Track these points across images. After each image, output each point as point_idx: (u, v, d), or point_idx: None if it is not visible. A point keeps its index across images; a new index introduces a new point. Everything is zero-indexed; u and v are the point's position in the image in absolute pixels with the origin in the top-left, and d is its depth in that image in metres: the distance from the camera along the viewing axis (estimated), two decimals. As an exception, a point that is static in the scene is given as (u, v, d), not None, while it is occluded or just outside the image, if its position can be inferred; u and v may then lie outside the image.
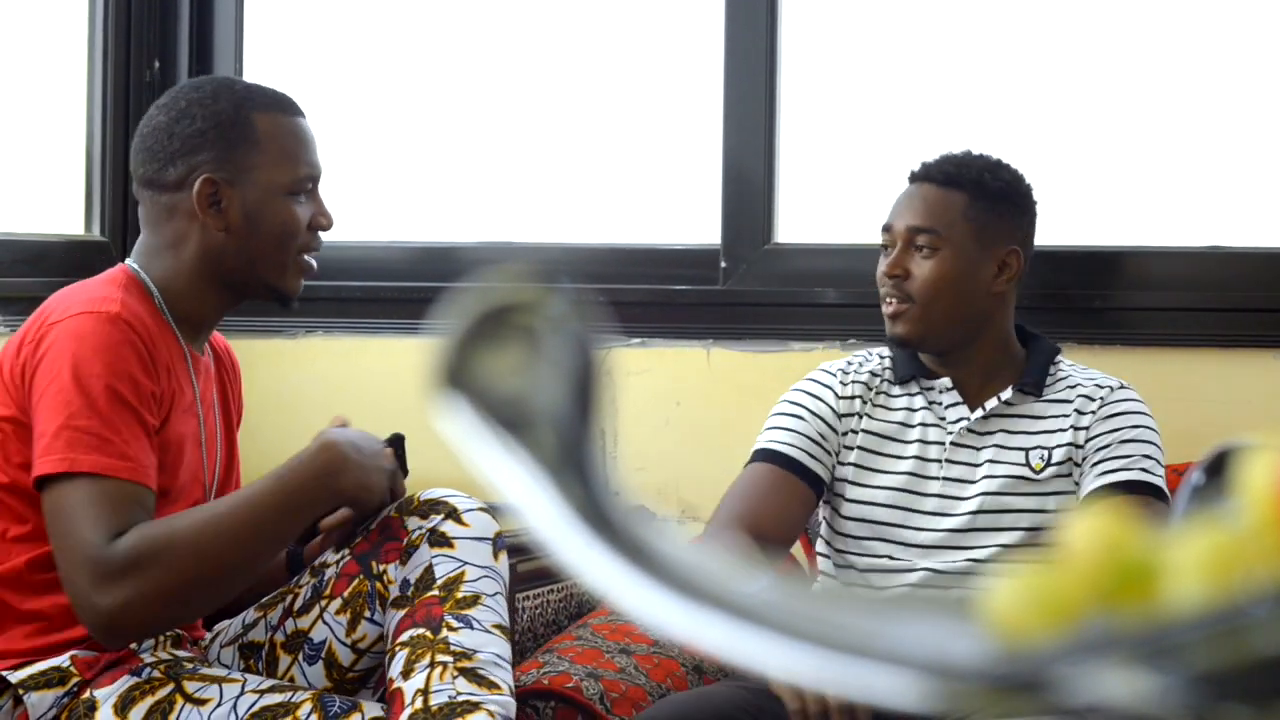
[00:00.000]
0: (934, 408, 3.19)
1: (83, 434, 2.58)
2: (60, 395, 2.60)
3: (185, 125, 2.80)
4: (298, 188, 2.82)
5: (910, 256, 3.15)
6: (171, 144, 2.80)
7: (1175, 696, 0.60)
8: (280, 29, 4.35)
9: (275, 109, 2.83)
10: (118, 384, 2.62)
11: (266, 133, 2.81)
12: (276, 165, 2.80)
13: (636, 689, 3.27)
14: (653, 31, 4.15)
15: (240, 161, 2.79)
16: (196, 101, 2.82)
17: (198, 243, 2.79)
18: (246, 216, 2.78)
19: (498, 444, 0.71)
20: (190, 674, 2.63)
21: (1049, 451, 3.14)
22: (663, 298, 3.98)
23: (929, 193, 3.17)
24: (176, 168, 2.79)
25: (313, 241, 2.85)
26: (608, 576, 0.69)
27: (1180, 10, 3.88)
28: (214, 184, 2.78)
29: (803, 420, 3.21)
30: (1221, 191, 3.86)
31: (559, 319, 0.72)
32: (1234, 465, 0.66)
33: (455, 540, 2.72)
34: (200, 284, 2.80)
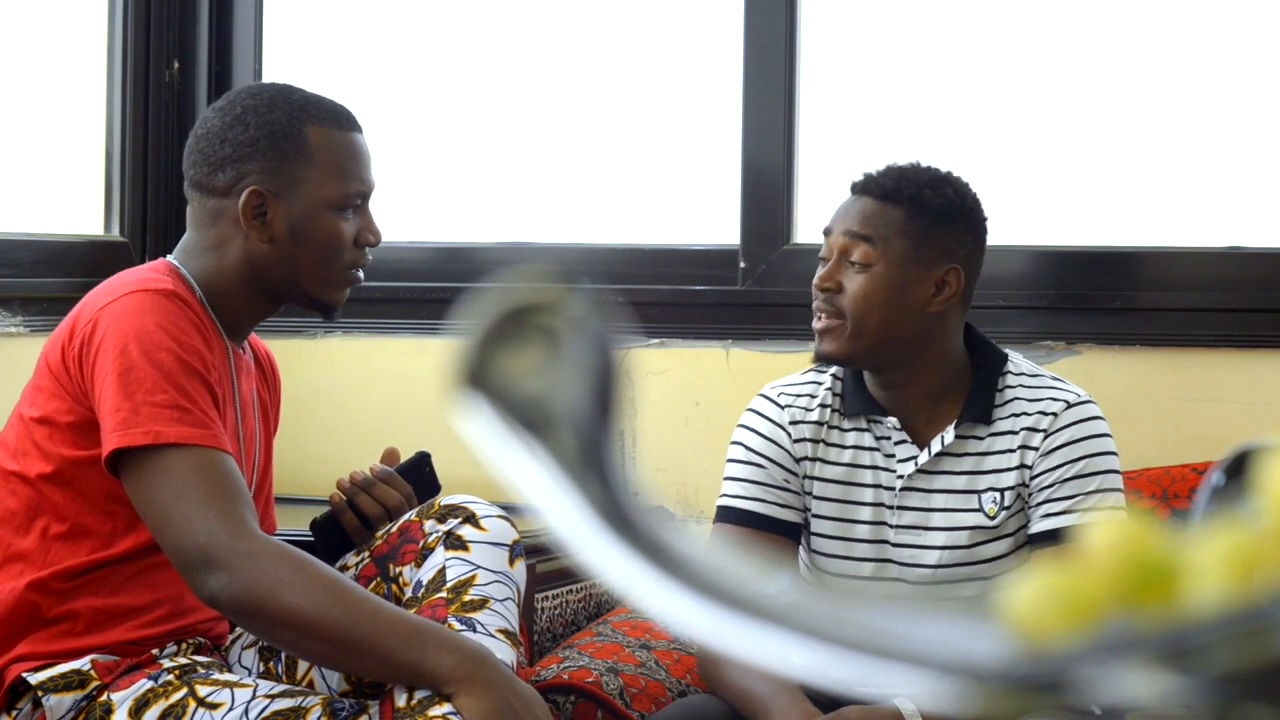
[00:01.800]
0: (882, 444, 3.06)
1: (162, 408, 2.56)
2: (131, 373, 2.57)
3: (238, 132, 2.78)
4: (346, 204, 2.79)
5: (843, 270, 3.01)
6: (223, 149, 2.78)
7: (1196, 697, 0.60)
8: (300, 30, 4.35)
9: (331, 123, 2.81)
10: (184, 354, 2.60)
11: (319, 146, 2.78)
12: (326, 180, 2.78)
13: (656, 684, 3.27)
14: (672, 32, 4.15)
15: (289, 174, 2.77)
16: (252, 109, 2.80)
17: (241, 250, 2.77)
18: (291, 230, 2.76)
19: (518, 444, 0.71)
20: (203, 678, 2.63)
21: (1000, 494, 3.01)
22: (682, 298, 3.98)
23: (866, 205, 3.03)
24: (225, 174, 2.77)
25: (360, 257, 2.82)
26: (627, 576, 0.69)
27: (1198, 10, 3.87)
28: (261, 195, 2.75)
29: (763, 469, 3.08)
30: (1240, 192, 3.85)
31: (579, 319, 0.72)
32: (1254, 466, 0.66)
33: (471, 544, 2.72)
34: (241, 289, 2.78)
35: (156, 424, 2.55)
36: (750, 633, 0.67)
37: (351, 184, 2.80)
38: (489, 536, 2.73)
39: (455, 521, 2.74)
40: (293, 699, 2.59)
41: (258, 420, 2.89)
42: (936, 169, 3.07)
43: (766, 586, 0.67)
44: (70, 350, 2.66)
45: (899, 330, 2.99)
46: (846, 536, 3.06)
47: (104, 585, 2.68)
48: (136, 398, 2.56)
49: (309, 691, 2.63)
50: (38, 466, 2.68)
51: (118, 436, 2.56)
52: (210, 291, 2.77)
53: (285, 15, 4.35)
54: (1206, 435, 3.63)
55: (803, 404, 3.10)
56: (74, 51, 4.19)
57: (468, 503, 2.76)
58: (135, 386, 2.57)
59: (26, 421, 2.70)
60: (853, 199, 3.05)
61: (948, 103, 3.98)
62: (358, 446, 3.99)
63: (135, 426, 2.55)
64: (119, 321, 2.61)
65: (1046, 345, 3.74)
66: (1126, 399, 3.65)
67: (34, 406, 2.70)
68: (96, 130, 4.20)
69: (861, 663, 0.64)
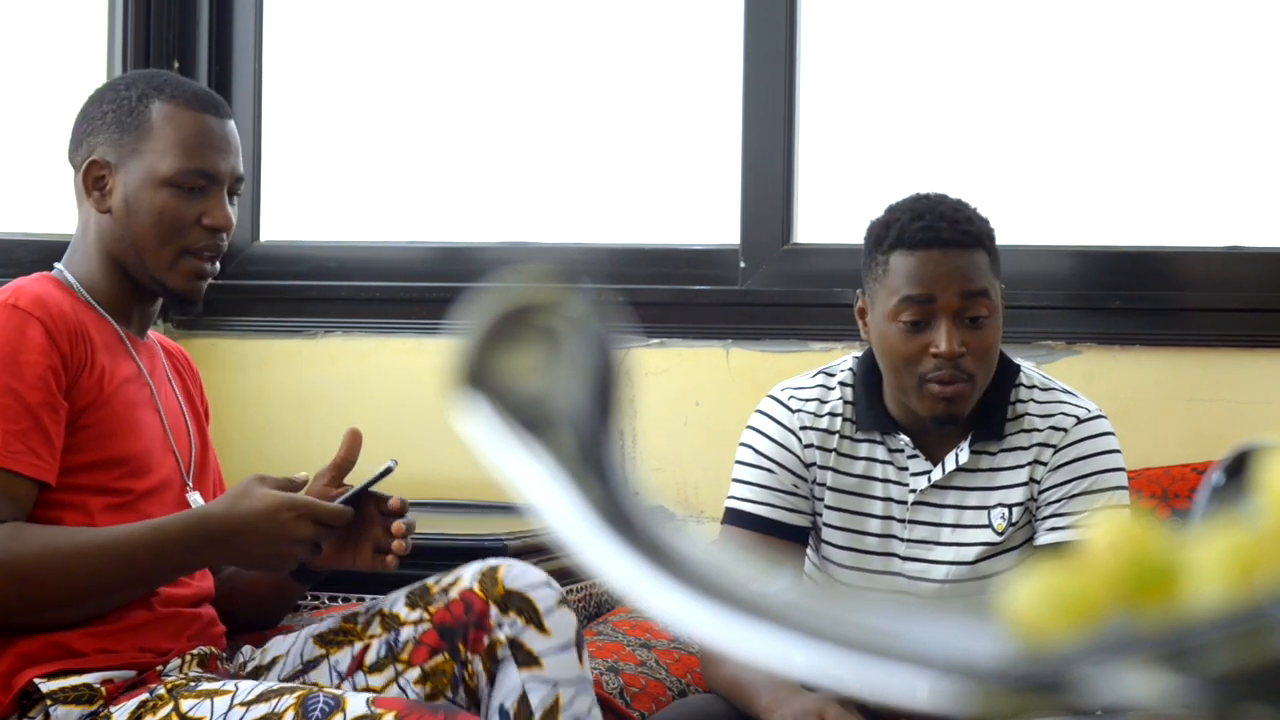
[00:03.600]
0: (895, 458, 3.02)
1: None
2: None
3: (93, 108, 2.83)
4: (180, 180, 2.78)
5: (959, 328, 2.88)
6: (81, 126, 2.83)
7: (1196, 697, 0.60)
8: (300, 29, 4.35)
9: (182, 101, 2.81)
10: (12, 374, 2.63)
11: (161, 121, 2.79)
12: (163, 155, 2.78)
13: (657, 684, 3.27)
14: (672, 32, 4.15)
15: (129, 146, 2.78)
16: (111, 87, 2.86)
17: (94, 227, 2.80)
18: (125, 201, 2.78)
19: (517, 444, 0.71)
20: (190, 691, 2.63)
21: (1009, 509, 2.99)
22: (682, 298, 3.98)
23: (963, 258, 2.89)
24: (80, 149, 2.82)
25: (201, 240, 2.79)
26: (628, 576, 0.69)
27: (1197, 9, 3.87)
28: (100, 166, 2.79)
29: (772, 474, 3.05)
30: (1242, 191, 3.85)
31: (578, 319, 0.72)
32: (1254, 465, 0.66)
33: (542, 658, 2.70)
34: (108, 271, 2.81)
35: None
36: (750, 633, 0.67)
37: (190, 161, 2.78)
38: (555, 641, 2.71)
39: (519, 622, 2.71)
40: (268, 702, 2.58)
41: (180, 400, 2.91)
42: (943, 197, 2.98)
43: (766, 586, 0.67)
44: None
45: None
46: (857, 548, 3.05)
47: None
48: None
49: (286, 689, 2.62)
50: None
51: None
52: (86, 279, 2.81)
53: (285, 15, 4.35)
54: (1206, 435, 3.63)
55: (812, 409, 3.06)
56: (74, 51, 4.19)
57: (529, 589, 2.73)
58: None
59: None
60: (939, 254, 2.89)
61: (947, 103, 3.98)
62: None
63: None
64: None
65: (1046, 345, 3.74)
66: (1126, 399, 3.65)
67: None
68: (96, 130, 4.20)
69: (861, 663, 0.64)
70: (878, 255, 2.94)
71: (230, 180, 2.83)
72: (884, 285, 2.92)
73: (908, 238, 2.90)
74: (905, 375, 2.91)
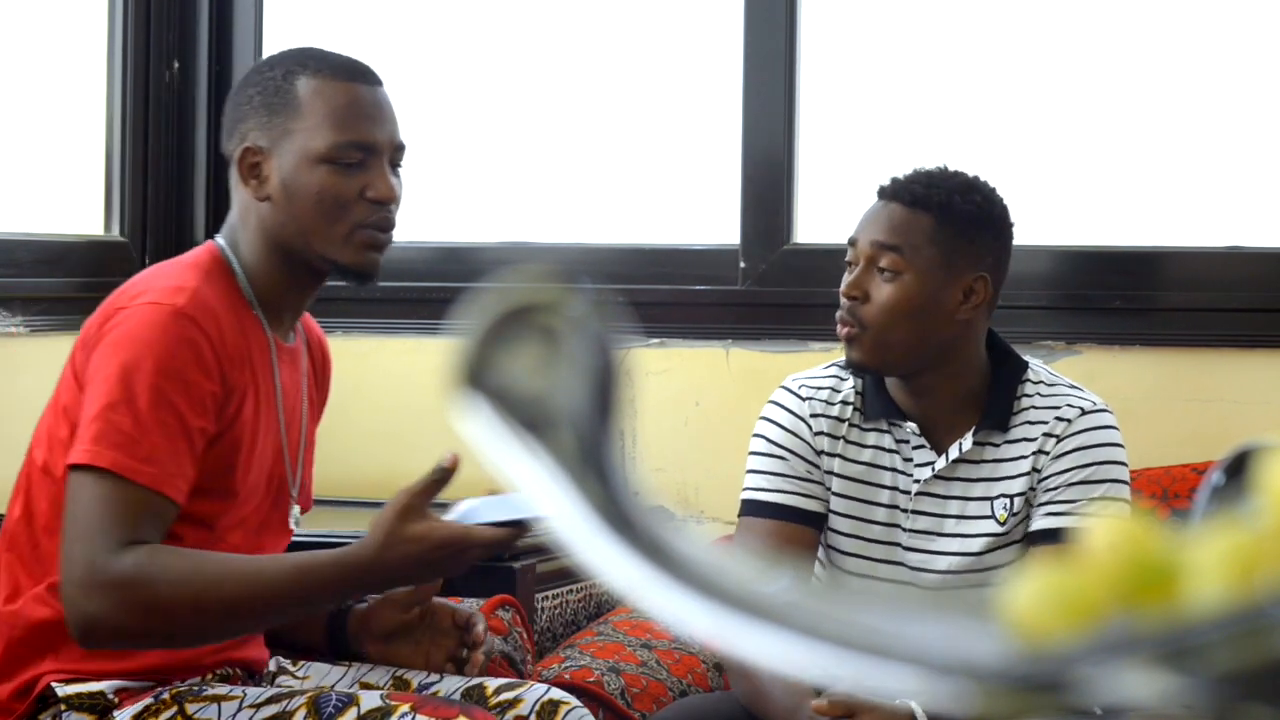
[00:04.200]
0: (901, 448, 3.05)
1: (113, 429, 2.49)
2: (104, 384, 2.52)
3: (239, 94, 2.73)
4: (336, 155, 2.65)
5: (871, 277, 2.97)
6: (231, 114, 2.73)
7: (1196, 697, 0.60)
8: (300, 30, 4.35)
9: (327, 73, 2.69)
10: (165, 383, 2.52)
11: (309, 96, 2.67)
12: (314, 131, 2.66)
13: (657, 684, 3.28)
14: (672, 32, 4.15)
15: (279, 127, 2.67)
16: (255, 70, 2.76)
17: (255, 215, 2.69)
18: (284, 185, 2.66)
19: (518, 444, 0.71)
20: (195, 695, 2.61)
21: (1011, 500, 3.00)
22: (682, 298, 3.99)
23: (895, 213, 2.97)
24: (233, 140, 2.71)
25: (369, 214, 2.66)
26: (628, 576, 0.69)
27: (1197, 9, 3.87)
28: (254, 152, 2.68)
29: (785, 461, 3.06)
30: (1241, 192, 3.85)
31: (579, 319, 0.72)
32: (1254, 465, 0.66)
33: None
34: (271, 260, 2.69)
35: (99, 444, 2.50)
36: (750, 633, 0.67)
37: (343, 134, 2.66)
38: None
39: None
40: (278, 704, 2.56)
41: (305, 410, 2.81)
42: (964, 174, 3.03)
43: (766, 586, 0.67)
44: (87, 343, 2.61)
45: (926, 338, 2.97)
46: (862, 536, 3.06)
47: None
48: (95, 412, 2.52)
49: (295, 690, 2.60)
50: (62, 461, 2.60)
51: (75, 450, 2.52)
52: (250, 271, 2.69)
53: (285, 15, 4.35)
54: (1206, 435, 3.63)
55: (824, 397, 3.08)
56: (74, 51, 4.19)
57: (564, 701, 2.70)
58: (101, 399, 2.52)
59: (55, 414, 2.65)
60: (880, 205, 3.00)
61: (947, 102, 3.98)
62: (358, 446, 4.00)
63: (82, 442, 2.51)
64: (119, 331, 2.56)
65: (1047, 345, 3.74)
66: (1126, 399, 3.65)
67: (60, 398, 2.65)
68: (96, 130, 4.20)
69: (861, 663, 0.64)
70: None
71: (390, 149, 2.71)
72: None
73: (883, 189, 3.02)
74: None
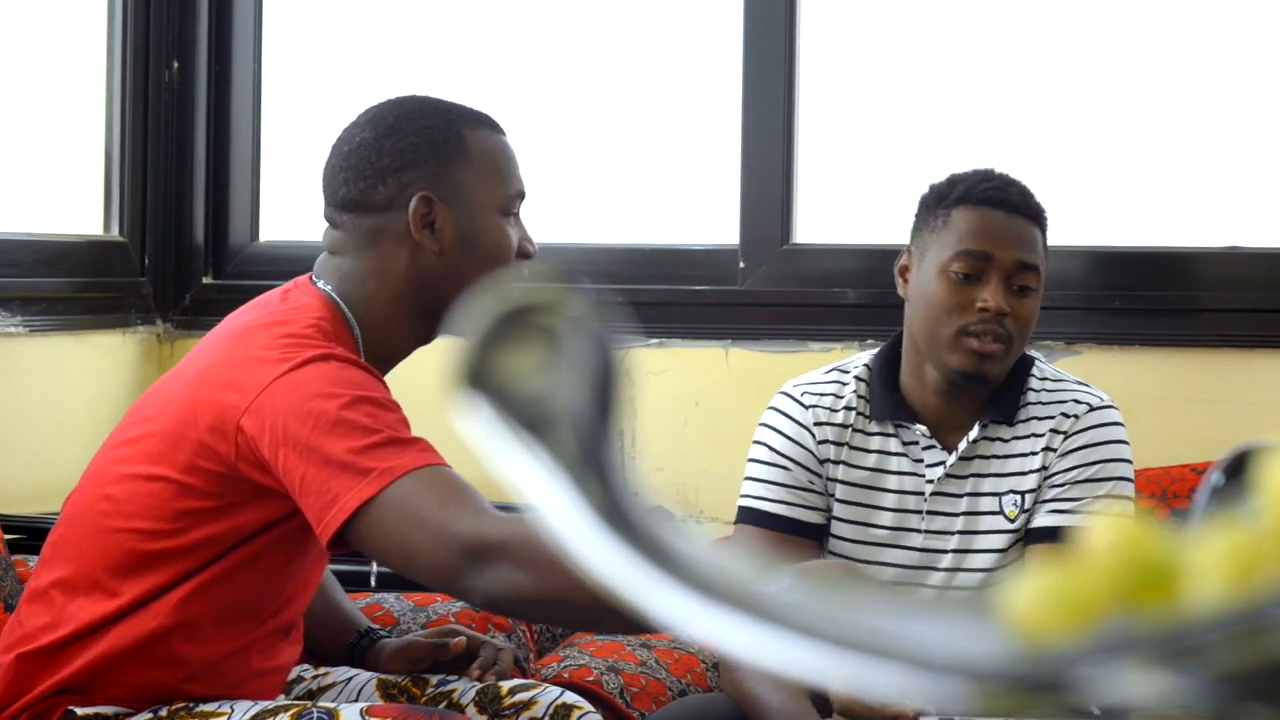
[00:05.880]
0: (909, 450, 3.02)
1: (355, 456, 2.39)
2: (314, 437, 2.40)
3: (396, 140, 2.63)
4: (509, 207, 2.64)
5: (1008, 292, 2.93)
6: (381, 160, 2.61)
7: (1196, 697, 0.60)
8: (300, 30, 4.35)
9: (484, 125, 2.68)
10: (358, 392, 2.44)
11: (479, 149, 2.64)
12: (489, 183, 2.63)
13: (657, 684, 3.28)
14: (672, 32, 4.15)
15: (454, 178, 2.61)
16: (405, 116, 2.67)
17: (406, 267, 2.59)
18: (460, 237, 2.59)
19: (518, 444, 0.71)
20: (188, 711, 2.60)
21: (1020, 496, 2.99)
22: (681, 298, 3.99)
23: (1024, 228, 2.95)
24: (387, 186, 2.60)
25: (520, 270, 2.63)
26: (628, 576, 0.69)
27: (1195, 10, 3.87)
28: (430, 201, 2.59)
29: (788, 471, 3.04)
30: (1243, 192, 3.85)
31: (579, 319, 0.72)
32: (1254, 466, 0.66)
33: None
34: (401, 314, 2.61)
35: (358, 482, 2.38)
36: (750, 633, 0.67)
37: (512, 185, 2.65)
38: None
39: None
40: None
41: None
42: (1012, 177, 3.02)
43: (766, 586, 0.67)
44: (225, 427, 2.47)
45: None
46: (868, 540, 3.03)
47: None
48: (332, 464, 2.39)
49: (282, 707, 2.59)
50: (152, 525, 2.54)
51: (333, 514, 2.38)
52: (367, 326, 2.61)
53: (285, 15, 4.35)
54: (1206, 435, 3.63)
55: (827, 404, 3.05)
56: (74, 51, 4.19)
57: None
58: (324, 451, 2.39)
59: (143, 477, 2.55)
60: (1005, 217, 2.95)
61: (947, 103, 3.98)
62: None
63: (342, 497, 2.38)
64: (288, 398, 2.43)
65: (1046, 345, 3.74)
66: (1126, 399, 3.64)
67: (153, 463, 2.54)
68: (96, 130, 4.20)
69: (861, 663, 0.64)
70: (938, 210, 2.97)
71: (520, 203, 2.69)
72: (939, 238, 2.95)
73: (975, 194, 2.94)
74: (944, 326, 2.92)
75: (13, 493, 3.76)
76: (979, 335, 2.91)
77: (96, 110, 4.20)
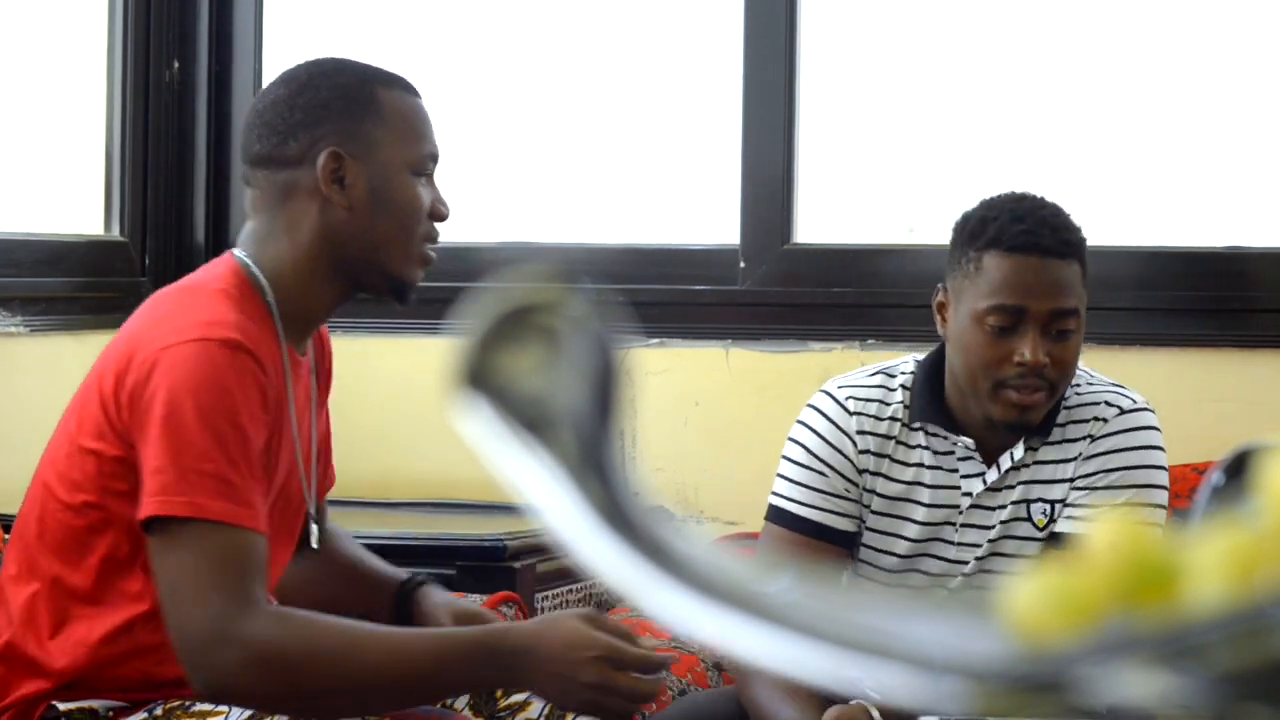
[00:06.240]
0: (943, 460, 2.96)
1: (208, 477, 2.42)
2: (182, 432, 2.43)
3: (309, 96, 2.62)
4: (421, 167, 2.64)
5: (1045, 339, 2.82)
6: (293, 116, 2.61)
7: (1196, 697, 0.60)
8: (300, 30, 4.35)
9: (398, 85, 2.67)
10: (239, 420, 2.45)
11: (391, 107, 2.63)
12: (401, 141, 2.63)
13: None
14: (672, 32, 4.15)
15: (366, 135, 2.61)
16: (319, 74, 2.65)
17: (317, 224, 2.60)
18: (371, 193, 2.60)
19: (518, 444, 0.71)
20: (185, 711, 2.60)
21: (1050, 505, 2.93)
22: (682, 298, 3.99)
23: (1060, 268, 2.84)
24: (298, 140, 2.60)
25: (432, 231, 2.67)
26: (628, 576, 0.69)
27: (1192, 10, 3.87)
28: (339, 157, 2.59)
29: (824, 477, 2.96)
30: (1244, 191, 3.85)
31: (579, 319, 0.72)
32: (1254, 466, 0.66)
33: None
34: (316, 273, 2.62)
35: (200, 496, 2.42)
36: (750, 633, 0.67)
37: (425, 145, 2.66)
38: None
39: None
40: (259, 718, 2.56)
41: (314, 421, 2.76)
42: (1051, 204, 2.92)
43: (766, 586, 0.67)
44: (123, 386, 2.51)
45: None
46: (897, 552, 2.98)
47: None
48: (183, 462, 2.42)
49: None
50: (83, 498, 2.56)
51: (158, 501, 2.43)
52: (280, 286, 2.61)
53: (285, 15, 4.35)
54: (1206, 435, 3.63)
55: (872, 411, 2.97)
56: (74, 51, 4.19)
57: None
58: (184, 450, 2.43)
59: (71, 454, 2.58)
60: (1040, 264, 2.84)
61: (947, 103, 3.98)
62: (358, 446, 3.99)
63: (178, 494, 2.42)
64: (175, 373, 2.46)
65: (1046, 345, 3.73)
66: (1126, 399, 3.65)
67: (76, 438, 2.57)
68: (96, 130, 4.20)
69: (861, 663, 0.64)
70: (970, 251, 2.87)
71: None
72: (974, 285, 2.85)
73: (1007, 239, 2.83)
74: (983, 379, 2.85)
75: (13, 493, 3.75)
76: (1018, 388, 2.83)
77: (96, 110, 4.20)
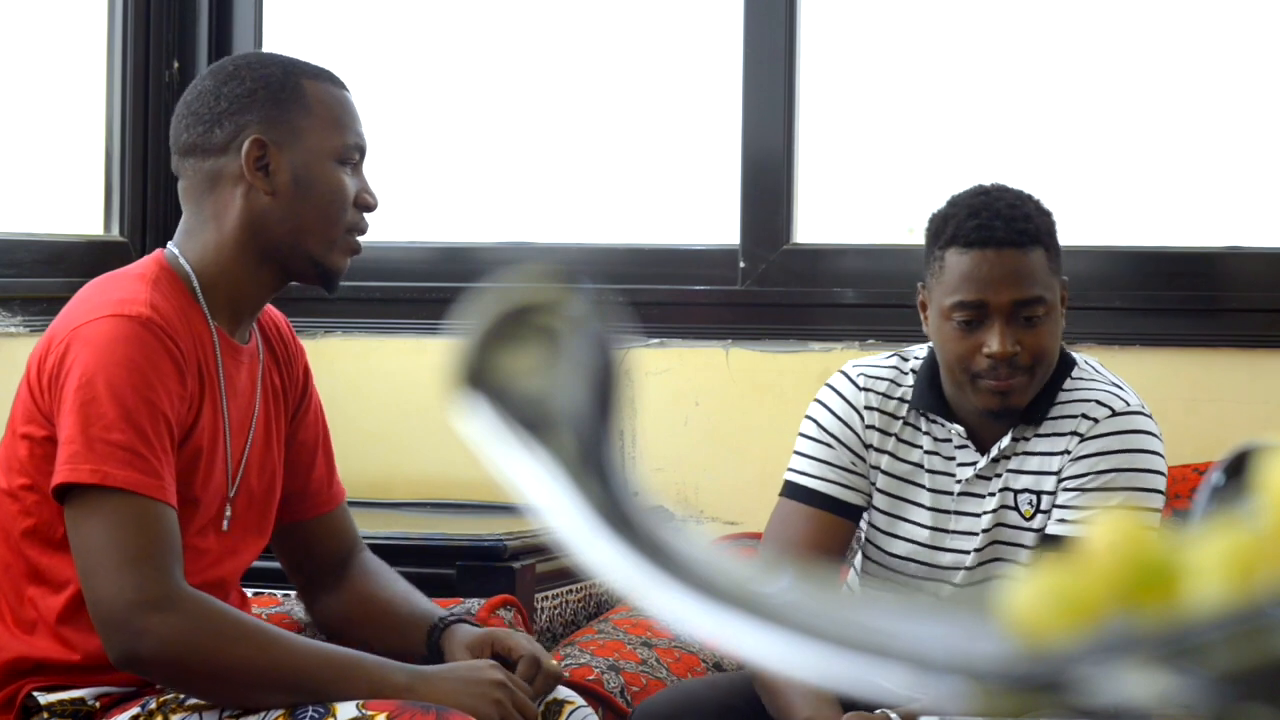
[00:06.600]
0: (941, 447, 3.01)
1: (116, 448, 2.48)
2: (93, 405, 2.49)
3: (234, 86, 2.68)
4: (346, 156, 2.69)
5: (1012, 328, 2.88)
6: (218, 105, 2.67)
7: (1196, 697, 0.60)
8: (300, 30, 4.36)
9: (324, 78, 2.73)
10: (151, 394, 2.51)
11: (315, 98, 2.69)
12: (326, 130, 2.68)
13: (657, 683, 3.28)
14: (672, 31, 4.15)
15: (290, 123, 2.66)
16: (245, 65, 2.72)
17: (242, 211, 2.65)
18: (295, 180, 2.65)
19: (518, 444, 0.71)
20: (180, 705, 2.60)
21: (1036, 496, 2.96)
22: (682, 298, 3.99)
23: (1017, 258, 2.88)
24: (223, 129, 2.66)
25: (359, 221, 2.71)
26: (628, 576, 0.69)
27: (1190, 10, 3.87)
28: (263, 145, 2.64)
29: (832, 449, 3.02)
30: (1242, 191, 3.85)
31: (579, 319, 0.72)
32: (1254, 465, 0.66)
33: None
34: (242, 259, 2.66)
35: (106, 464, 2.47)
36: (750, 633, 0.67)
37: (350, 136, 2.71)
38: None
39: None
40: (256, 713, 2.56)
41: (259, 410, 2.76)
42: (1015, 190, 2.96)
43: (766, 585, 0.67)
44: (45, 370, 2.58)
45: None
46: (900, 535, 3.04)
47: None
48: (92, 432, 2.49)
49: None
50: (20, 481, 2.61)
51: (67, 469, 2.49)
52: (207, 275, 2.66)
53: (285, 15, 4.35)
54: (1206, 435, 3.63)
55: (881, 389, 3.03)
56: (74, 51, 4.19)
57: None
58: (93, 420, 2.49)
59: (13, 439, 2.63)
60: (995, 254, 2.88)
61: (947, 102, 3.98)
62: (357, 446, 3.99)
63: (85, 463, 2.48)
64: (88, 348, 2.53)
65: (1046, 345, 3.73)
66: (1126, 399, 3.65)
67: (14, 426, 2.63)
68: (96, 130, 4.20)
69: (861, 663, 0.64)
70: (935, 250, 2.93)
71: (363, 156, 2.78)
72: (939, 282, 2.92)
73: (962, 235, 2.89)
74: (959, 372, 2.92)
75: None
76: (993, 378, 2.89)
77: (96, 110, 4.20)
